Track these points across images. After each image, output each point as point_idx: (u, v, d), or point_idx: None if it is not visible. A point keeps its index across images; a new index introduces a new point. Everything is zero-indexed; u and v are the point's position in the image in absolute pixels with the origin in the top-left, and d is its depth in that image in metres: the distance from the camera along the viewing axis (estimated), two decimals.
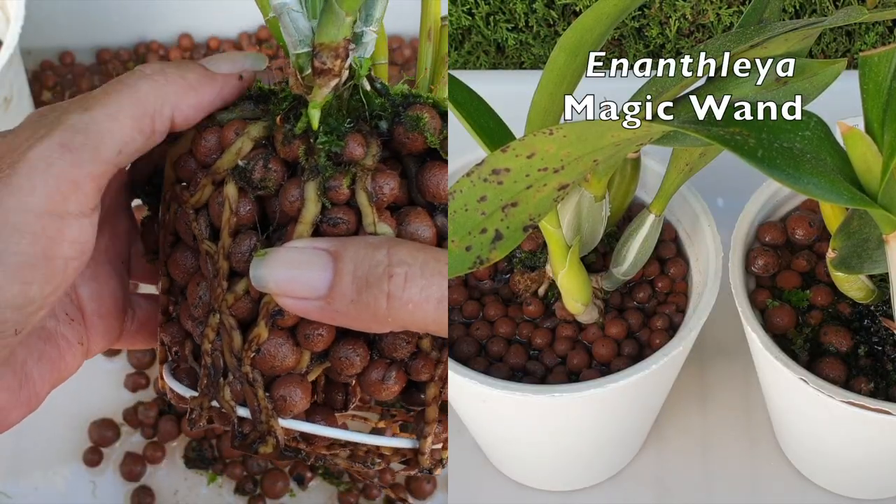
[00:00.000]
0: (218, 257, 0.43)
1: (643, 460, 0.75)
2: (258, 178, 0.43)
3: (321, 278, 0.40)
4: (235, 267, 0.43)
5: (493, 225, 0.48)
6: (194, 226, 0.44)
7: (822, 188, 0.46)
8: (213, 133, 0.45)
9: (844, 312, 0.63)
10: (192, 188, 0.45)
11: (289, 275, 0.40)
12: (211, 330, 0.43)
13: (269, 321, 0.42)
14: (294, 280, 0.40)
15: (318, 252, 0.41)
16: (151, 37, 1.03)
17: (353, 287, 0.40)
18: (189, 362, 0.47)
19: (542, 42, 0.94)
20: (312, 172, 0.42)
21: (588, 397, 0.59)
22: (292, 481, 0.72)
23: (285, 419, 0.44)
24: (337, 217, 0.42)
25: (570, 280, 0.61)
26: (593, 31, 0.52)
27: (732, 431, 0.75)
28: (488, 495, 0.74)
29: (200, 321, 0.44)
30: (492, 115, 0.56)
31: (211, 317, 0.43)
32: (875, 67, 0.51)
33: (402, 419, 0.49)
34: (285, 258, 0.41)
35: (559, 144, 0.46)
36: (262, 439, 0.43)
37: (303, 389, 0.43)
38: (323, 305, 0.40)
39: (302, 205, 0.42)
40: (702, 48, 0.55)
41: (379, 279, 0.39)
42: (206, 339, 0.43)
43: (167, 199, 0.46)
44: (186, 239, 0.45)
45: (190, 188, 0.45)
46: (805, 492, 0.72)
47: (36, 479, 0.71)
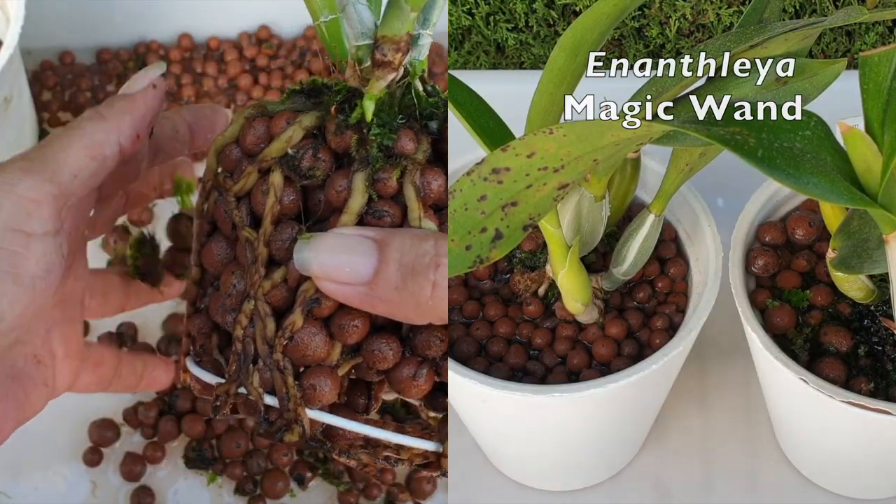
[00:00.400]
0: (258, 244, 0.43)
1: (643, 460, 0.75)
2: (306, 167, 0.43)
3: (366, 264, 0.40)
4: (275, 255, 0.43)
5: (493, 224, 0.48)
6: (235, 213, 0.44)
7: (822, 188, 0.46)
8: (262, 122, 0.45)
9: (844, 312, 0.63)
10: (234, 177, 0.45)
11: (334, 259, 0.41)
12: (244, 316, 0.43)
13: (304, 309, 0.42)
14: (339, 264, 0.41)
15: (364, 239, 0.41)
16: (152, 37, 1.03)
17: (399, 274, 0.40)
18: (214, 355, 0.47)
19: (542, 42, 0.94)
20: (362, 163, 0.42)
21: (588, 397, 0.59)
22: (292, 481, 0.72)
23: (312, 409, 0.44)
24: (382, 210, 0.42)
25: (570, 280, 0.61)
26: (593, 31, 0.52)
27: (732, 431, 0.75)
28: (488, 495, 0.74)
29: (233, 309, 0.44)
30: (492, 115, 0.56)
31: (245, 303, 0.43)
32: (875, 67, 0.51)
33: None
34: (331, 243, 0.41)
35: (559, 144, 0.46)
36: (288, 427, 0.43)
37: (332, 381, 0.43)
38: (366, 291, 0.40)
39: (349, 195, 0.42)
40: (702, 48, 0.55)
41: (426, 268, 0.40)
42: (238, 326, 0.44)
43: (207, 189, 0.47)
44: (224, 228, 0.46)
45: (233, 177, 0.45)
46: (805, 492, 0.72)
47: (36, 479, 0.71)
